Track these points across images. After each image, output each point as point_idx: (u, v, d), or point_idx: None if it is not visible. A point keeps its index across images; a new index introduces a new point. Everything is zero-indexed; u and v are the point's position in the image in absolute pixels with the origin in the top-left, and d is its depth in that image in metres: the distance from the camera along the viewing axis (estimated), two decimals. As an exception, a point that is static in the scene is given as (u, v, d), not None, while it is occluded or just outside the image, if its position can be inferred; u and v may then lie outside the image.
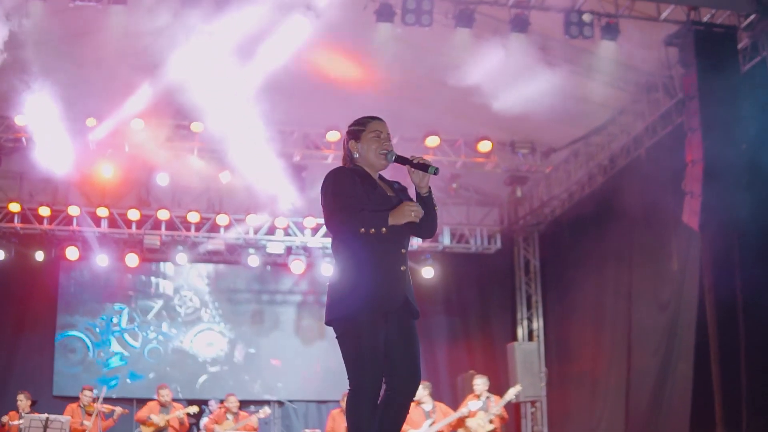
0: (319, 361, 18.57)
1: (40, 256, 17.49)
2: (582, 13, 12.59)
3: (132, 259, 17.73)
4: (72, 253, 17.37)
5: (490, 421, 14.37)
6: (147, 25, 12.41)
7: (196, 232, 17.69)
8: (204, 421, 16.11)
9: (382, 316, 5.19)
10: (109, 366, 18.23)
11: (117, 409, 15.22)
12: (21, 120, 15.06)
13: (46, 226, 17.11)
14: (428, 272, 18.59)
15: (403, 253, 5.35)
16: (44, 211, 16.89)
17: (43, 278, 18.00)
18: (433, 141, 15.89)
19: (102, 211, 17.06)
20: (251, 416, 15.80)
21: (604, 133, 15.93)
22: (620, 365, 15.70)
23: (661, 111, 14.24)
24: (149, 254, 18.20)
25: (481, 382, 14.77)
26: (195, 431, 16.47)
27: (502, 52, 12.83)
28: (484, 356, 18.96)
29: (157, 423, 15.26)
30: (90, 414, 14.94)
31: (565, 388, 17.74)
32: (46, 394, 17.25)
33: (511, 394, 14.94)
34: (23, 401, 14.75)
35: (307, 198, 16.66)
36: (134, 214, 17.16)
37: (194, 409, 15.66)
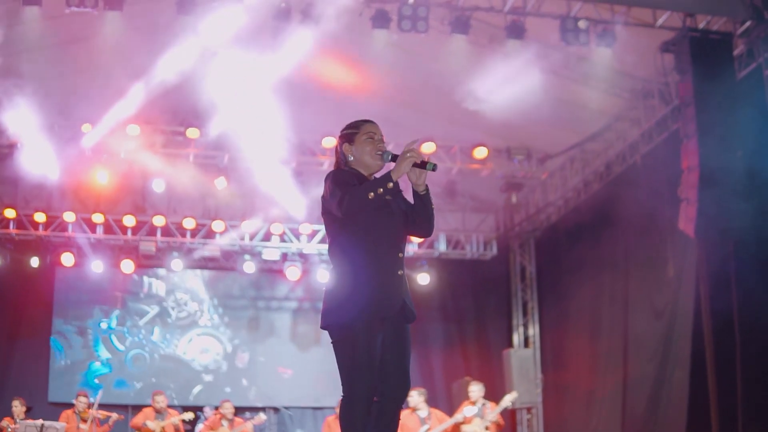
0: (315, 368, 18.51)
1: (35, 262, 17.44)
2: (578, 20, 12.60)
3: (127, 266, 17.72)
4: (67, 259, 17.34)
5: (486, 428, 14.36)
6: (143, 31, 12.41)
7: (192, 238, 17.66)
8: (199, 427, 16.08)
9: (380, 322, 5.17)
10: (100, 372, 18.17)
11: (112, 415, 15.16)
12: (16, 126, 15.04)
13: (41, 232, 17.07)
14: (424, 278, 18.57)
15: (400, 257, 5.35)
16: (39, 217, 16.87)
17: (39, 284, 17.93)
18: (428, 147, 15.86)
19: (97, 217, 17.03)
20: (246, 422, 15.78)
21: (600, 140, 15.93)
22: (616, 372, 15.68)
23: (657, 117, 14.24)
24: (145, 260, 18.20)
25: (476, 389, 14.75)
26: (190, 437, 16.46)
27: (497, 59, 12.83)
28: (480, 363, 18.94)
29: (153, 429, 15.21)
30: (85, 420, 14.90)
31: (561, 395, 17.72)
32: (41, 401, 17.19)
33: (506, 400, 14.92)
34: (18, 407, 14.69)
35: (302, 204, 16.64)
36: (130, 221, 17.13)
37: (189, 415, 15.61)
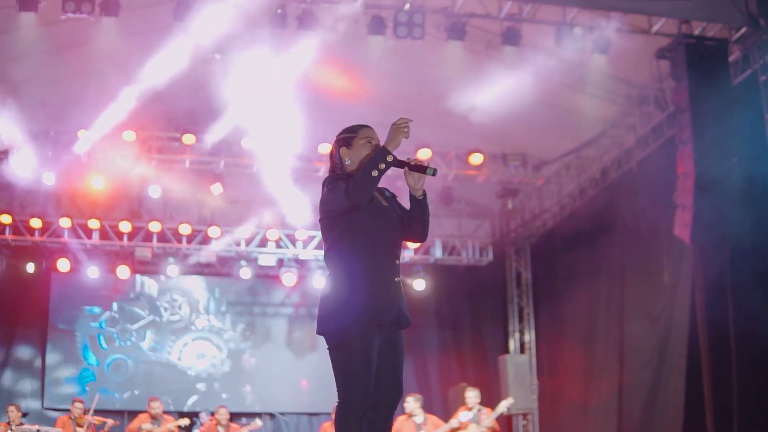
0: (311, 374, 18.52)
1: (31, 267, 17.45)
2: (574, 27, 12.62)
3: (123, 271, 17.71)
4: (63, 264, 17.34)
5: (482, 434, 14.39)
6: (138, 37, 12.42)
7: (188, 244, 17.66)
8: (195, 432, 16.10)
9: (376, 328, 5.15)
10: (92, 378, 18.14)
11: (108, 421, 15.16)
12: (12, 132, 15.04)
13: (37, 237, 17.07)
14: (420, 284, 18.58)
15: (397, 263, 5.33)
16: (35, 223, 16.87)
17: (34, 290, 17.93)
18: (424, 153, 15.86)
19: (93, 223, 17.03)
20: (242, 428, 15.79)
21: (596, 146, 15.93)
22: (612, 378, 15.69)
23: (653, 124, 14.26)
24: (140, 266, 18.17)
25: (473, 395, 14.76)
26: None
27: (493, 65, 12.84)
28: (476, 369, 18.94)
29: (148, 435, 15.23)
30: (81, 426, 14.89)
31: (557, 401, 17.72)
32: (37, 406, 17.19)
33: (502, 406, 14.93)
34: (14, 413, 14.65)
35: (298, 210, 16.64)
36: (126, 226, 17.14)
37: (185, 421, 15.60)
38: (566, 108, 14.36)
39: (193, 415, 16.77)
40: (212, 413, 16.13)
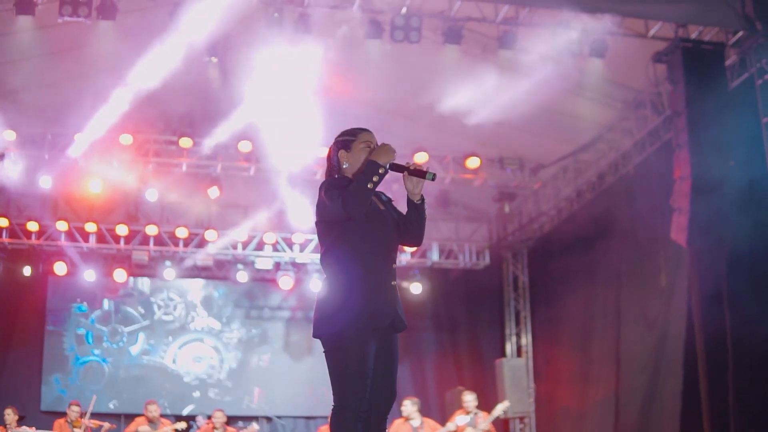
0: (308, 377, 18.50)
1: (27, 270, 17.44)
2: (570, 31, 12.61)
3: (120, 275, 17.72)
4: (60, 268, 17.32)
5: (478, 437, 14.39)
6: (135, 40, 12.41)
7: (185, 247, 17.64)
8: (191, 436, 16.10)
9: (372, 332, 5.14)
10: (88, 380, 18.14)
11: (104, 424, 15.11)
12: (9, 135, 15.04)
13: (34, 241, 17.05)
14: (417, 288, 18.57)
15: (393, 267, 5.32)
16: (32, 226, 16.85)
17: (31, 293, 17.93)
18: (421, 157, 15.85)
19: (90, 227, 17.02)
20: (239, 432, 15.79)
21: (593, 150, 15.94)
22: (608, 382, 15.68)
23: (649, 128, 14.26)
24: (137, 269, 18.18)
25: (471, 398, 14.77)
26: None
27: (490, 69, 12.85)
28: (473, 372, 18.93)
29: (145, 439, 15.22)
30: (78, 429, 14.87)
31: (553, 405, 17.71)
32: (34, 410, 17.16)
33: (499, 410, 14.94)
34: (10, 416, 14.64)
35: (295, 214, 16.64)
36: (122, 230, 17.10)
37: (182, 425, 15.56)
38: (563, 112, 14.37)
39: (189, 418, 16.76)
40: (209, 417, 16.11)
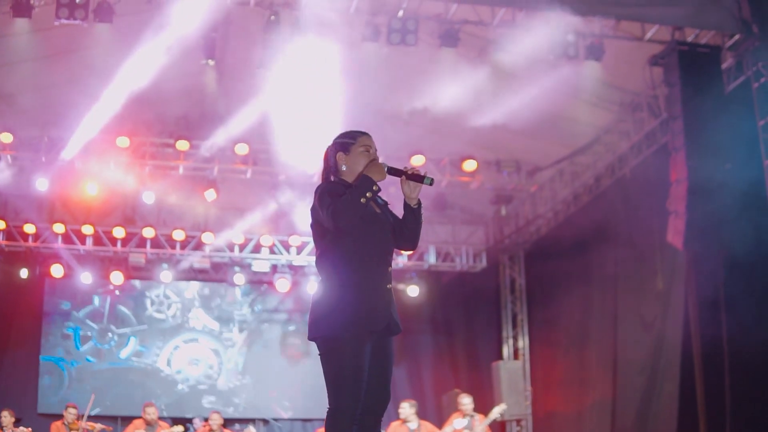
0: (305, 380, 18.49)
1: (24, 273, 17.42)
2: (566, 33, 12.62)
3: (117, 277, 17.69)
4: (57, 270, 17.31)
5: (475, 440, 14.39)
6: (132, 43, 12.41)
7: (182, 250, 17.64)
8: (188, 438, 16.09)
9: (367, 335, 5.13)
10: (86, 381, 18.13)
11: (102, 427, 15.13)
12: (6, 137, 15.03)
13: (30, 243, 17.05)
14: (413, 291, 18.57)
15: (389, 271, 5.32)
16: (29, 229, 16.85)
17: (28, 295, 17.91)
18: (418, 160, 15.85)
19: (87, 229, 17.01)
20: (236, 434, 15.79)
21: (589, 153, 15.94)
22: (606, 384, 15.68)
23: (646, 130, 14.26)
24: (134, 272, 18.17)
25: (468, 401, 14.76)
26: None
27: (486, 72, 12.85)
28: (469, 375, 18.95)
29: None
30: (75, 431, 14.87)
31: (550, 407, 17.71)
32: (31, 412, 17.15)
33: (495, 412, 14.94)
34: (7, 418, 14.65)
35: (292, 216, 16.64)
36: (119, 232, 17.11)
37: (179, 428, 15.57)
38: (560, 114, 14.37)
39: (186, 421, 16.75)
40: (205, 419, 16.09)
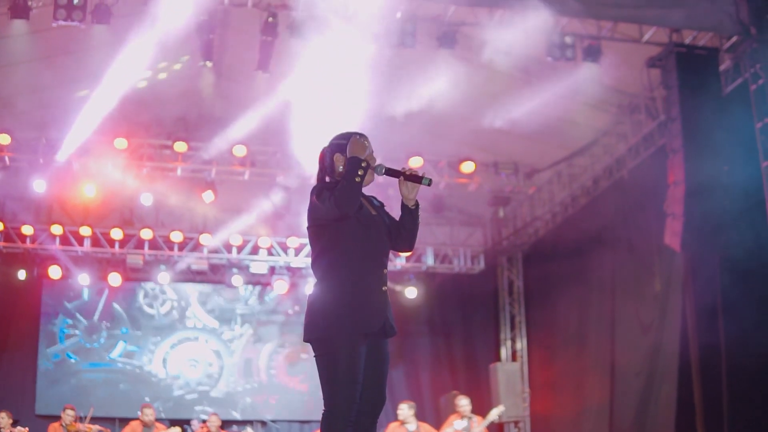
0: (303, 381, 18.50)
1: (22, 274, 17.43)
2: (564, 35, 12.63)
3: (115, 279, 17.68)
4: (54, 271, 17.31)
5: (473, 442, 14.38)
6: (130, 44, 12.40)
7: (180, 251, 17.64)
8: (186, 440, 16.06)
9: (362, 337, 5.13)
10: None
11: (100, 428, 15.11)
12: (3, 139, 15.02)
13: (28, 244, 17.05)
14: (411, 292, 18.58)
15: (384, 273, 5.31)
16: (27, 230, 16.85)
17: (26, 297, 17.89)
18: (416, 162, 15.85)
19: (85, 231, 17.01)
20: (233, 436, 15.77)
21: (587, 155, 15.94)
22: (603, 386, 15.67)
23: (644, 132, 14.26)
24: (132, 273, 18.15)
25: (465, 403, 14.74)
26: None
27: (484, 73, 12.85)
28: (467, 377, 18.93)
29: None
30: (72, 433, 14.87)
31: (548, 409, 17.71)
32: (29, 414, 17.13)
33: (494, 414, 14.93)
34: (4, 420, 14.61)
35: (290, 218, 16.65)
36: (117, 234, 17.11)
37: (177, 430, 15.57)
38: (557, 116, 14.36)
39: (184, 422, 16.73)
40: (203, 421, 16.10)
